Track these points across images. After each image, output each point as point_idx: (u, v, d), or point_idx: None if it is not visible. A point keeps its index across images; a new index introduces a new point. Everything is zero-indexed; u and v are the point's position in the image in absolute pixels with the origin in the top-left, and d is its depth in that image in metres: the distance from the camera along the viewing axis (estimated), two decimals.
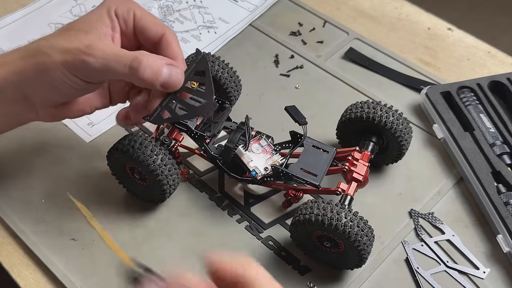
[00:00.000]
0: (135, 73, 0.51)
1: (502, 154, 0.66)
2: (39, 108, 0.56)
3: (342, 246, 0.56)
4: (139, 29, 0.56)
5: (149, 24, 0.56)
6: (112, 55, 0.51)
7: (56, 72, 0.52)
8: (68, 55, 0.51)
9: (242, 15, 0.87)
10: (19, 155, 0.70)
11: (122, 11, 0.55)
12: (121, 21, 0.55)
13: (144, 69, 0.51)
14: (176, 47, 0.56)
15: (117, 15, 0.55)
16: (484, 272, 0.60)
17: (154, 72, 0.52)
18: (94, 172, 0.68)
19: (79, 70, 0.51)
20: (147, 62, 0.51)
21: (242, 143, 0.62)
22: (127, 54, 0.52)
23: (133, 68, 0.51)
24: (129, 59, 0.51)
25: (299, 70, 0.80)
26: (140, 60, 0.51)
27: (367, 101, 0.64)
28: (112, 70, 0.51)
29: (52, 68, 0.52)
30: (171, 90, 0.54)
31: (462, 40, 0.84)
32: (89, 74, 0.52)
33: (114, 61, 0.51)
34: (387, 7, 0.89)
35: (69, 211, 0.65)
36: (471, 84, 0.73)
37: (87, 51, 0.51)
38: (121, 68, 0.51)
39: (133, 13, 0.56)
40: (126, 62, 0.51)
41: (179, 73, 0.54)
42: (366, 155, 0.62)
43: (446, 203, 0.66)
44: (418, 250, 0.61)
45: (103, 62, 0.51)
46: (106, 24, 0.54)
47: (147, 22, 0.56)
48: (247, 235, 0.63)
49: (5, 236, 0.64)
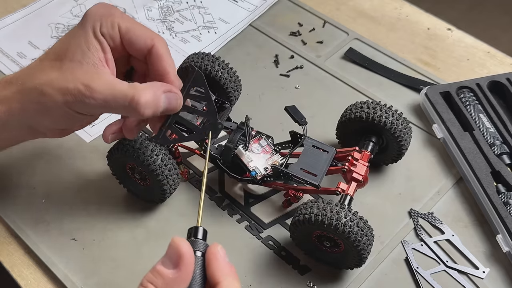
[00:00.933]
0: (135, 113, 0.52)
1: (501, 154, 0.66)
2: (47, 132, 0.57)
3: (342, 246, 0.56)
4: (127, 42, 0.55)
5: (136, 37, 0.54)
6: (110, 96, 0.51)
7: (58, 110, 0.52)
8: (68, 96, 0.51)
9: (242, 15, 0.87)
10: (20, 155, 0.70)
11: (107, 28, 0.54)
12: (108, 39, 0.54)
13: (144, 108, 0.51)
14: (167, 61, 0.55)
15: (103, 34, 0.54)
16: (483, 272, 0.60)
17: (154, 108, 0.52)
18: (94, 172, 0.68)
19: (80, 108, 0.52)
20: (145, 100, 0.51)
21: (242, 143, 0.62)
22: (124, 93, 0.51)
23: (132, 108, 0.51)
24: (126, 100, 0.51)
25: (299, 70, 0.80)
26: (137, 100, 0.51)
27: (367, 101, 0.64)
28: (112, 109, 0.52)
29: (54, 107, 0.52)
30: (172, 113, 0.54)
31: (462, 40, 0.84)
32: (90, 111, 0.53)
33: (113, 101, 0.51)
34: (387, 8, 0.89)
35: (69, 211, 0.65)
36: (470, 84, 0.73)
37: (87, 93, 0.51)
38: (120, 108, 0.52)
39: (118, 26, 0.54)
40: (124, 103, 0.51)
41: (177, 97, 0.53)
42: (366, 155, 0.62)
43: (446, 203, 0.66)
44: (417, 250, 0.62)
45: (102, 103, 0.51)
46: (96, 49, 0.53)
47: (134, 34, 0.54)
48: (247, 235, 0.63)
49: (6, 236, 0.64)
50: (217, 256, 0.41)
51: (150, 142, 0.59)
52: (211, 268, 0.41)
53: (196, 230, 0.43)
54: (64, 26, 0.86)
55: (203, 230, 0.43)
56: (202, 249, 0.42)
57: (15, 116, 0.54)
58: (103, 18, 0.54)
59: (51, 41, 0.84)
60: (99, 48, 0.53)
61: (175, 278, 0.39)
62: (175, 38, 0.84)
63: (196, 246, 0.42)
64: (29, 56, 0.82)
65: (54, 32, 0.85)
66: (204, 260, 0.41)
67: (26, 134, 0.58)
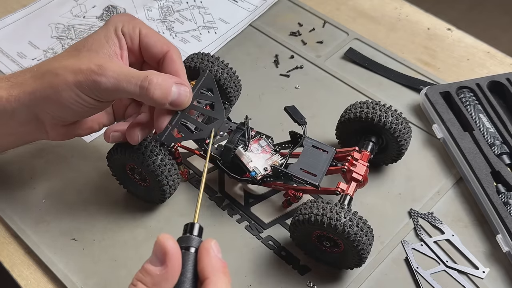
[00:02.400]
0: (145, 93, 0.52)
1: (501, 154, 0.66)
2: (49, 128, 0.57)
3: (341, 246, 0.56)
4: (144, 46, 0.57)
5: (154, 42, 0.57)
6: (123, 75, 0.52)
7: (68, 92, 0.53)
8: (80, 75, 0.52)
9: (242, 15, 0.87)
10: (20, 155, 0.70)
11: (129, 29, 0.56)
12: (128, 38, 0.57)
13: (155, 88, 0.52)
14: (179, 65, 0.57)
15: (124, 33, 0.56)
16: (483, 272, 0.60)
17: (164, 91, 0.53)
18: (94, 172, 0.68)
19: (91, 90, 0.53)
20: (157, 81, 0.52)
21: (242, 144, 0.62)
22: (138, 74, 0.53)
23: (143, 88, 0.52)
24: (139, 79, 0.52)
25: (299, 70, 0.80)
26: (151, 79, 0.52)
27: (367, 101, 0.64)
28: (123, 89, 0.52)
29: (65, 88, 0.52)
30: (180, 108, 0.55)
31: (462, 40, 0.84)
32: (100, 94, 0.53)
33: (125, 81, 0.52)
34: (387, 8, 0.89)
35: (69, 211, 0.65)
36: (470, 84, 0.73)
37: (99, 71, 0.52)
38: (132, 87, 0.52)
39: (139, 30, 0.57)
40: (136, 81, 0.52)
41: (187, 91, 0.55)
42: (366, 155, 0.62)
43: (446, 203, 0.66)
44: (417, 250, 0.62)
45: (114, 82, 0.52)
46: (114, 43, 0.55)
47: (152, 39, 0.57)
48: (247, 235, 0.63)
49: (6, 236, 0.64)
50: (209, 251, 0.41)
51: (149, 143, 0.59)
52: (202, 263, 0.41)
53: (191, 226, 0.43)
54: (64, 26, 0.86)
55: (199, 227, 0.44)
56: (195, 245, 0.42)
57: (25, 102, 0.55)
58: (126, 21, 0.57)
59: (51, 41, 0.84)
60: (116, 43, 0.56)
61: (163, 275, 0.39)
62: (175, 38, 0.84)
63: (190, 242, 0.42)
64: (29, 56, 0.82)
65: (54, 32, 0.85)
66: None
67: (30, 131, 0.58)
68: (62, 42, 0.84)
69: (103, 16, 0.88)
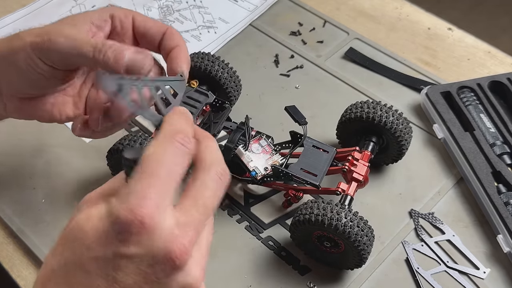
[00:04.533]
0: (98, 55, 0.49)
1: (502, 154, 0.66)
2: (6, 99, 0.55)
3: (342, 246, 0.56)
4: (141, 32, 0.55)
5: (150, 26, 0.55)
6: (79, 39, 0.50)
7: (22, 54, 0.51)
8: (38, 37, 0.50)
9: (242, 15, 0.87)
10: (19, 155, 0.70)
11: (119, 15, 0.54)
12: (117, 22, 0.54)
13: (108, 49, 0.49)
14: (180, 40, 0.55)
15: (113, 17, 0.54)
16: (484, 272, 0.60)
17: (117, 53, 0.49)
18: (94, 172, 0.68)
19: (44, 52, 0.50)
20: (111, 42, 0.50)
21: (242, 143, 0.62)
22: (96, 39, 0.50)
23: (97, 49, 0.49)
24: (95, 42, 0.50)
25: (299, 70, 0.80)
26: (105, 42, 0.50)
27: (367, 101, 0.64)
28: (76, 51, 0.49)
29: (20, 49, 0.51)
30: (136, 73, 0.50)
31: (462, 40, 0.84)
32: (53, 56, 0.51)
33: (81, 42, 0.49)
34: (387, 7, 0.89)
35: (69, 211, 0.65)
36: (471, 84, 0.73)
37: (57, 33, 0.50)
38: (86, 49, 0.49)
39: (132, 17, 0.55)
40: (92, 44, 0.49)
41: (144, 58, 0.50)
42: (366, 155, 0.61)
43: (446, 203, 0.66)
44: (418, 250, 0.61)
45: (69, 43, 0.49)
46: (93, 23, 0.53)
47: (148, 24, 0.55)
48: (247, 235, 0.63)
49: (5, 236, 0.64)
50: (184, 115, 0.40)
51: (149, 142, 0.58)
52: None
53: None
54: None
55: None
56: None
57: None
58: (118, 8, 0.55)
59: None
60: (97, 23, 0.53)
61: None
62: None
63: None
64: None
65: None
66: None
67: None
68: None
69: None
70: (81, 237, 0.36)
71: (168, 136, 0.37)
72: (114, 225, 0.34)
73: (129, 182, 0.35)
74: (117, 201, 0.34)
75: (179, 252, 0.34)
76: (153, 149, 0.36)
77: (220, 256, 0.61)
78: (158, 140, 0.37)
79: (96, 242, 0.35)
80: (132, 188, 0.34)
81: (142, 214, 0.33)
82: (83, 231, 0.36)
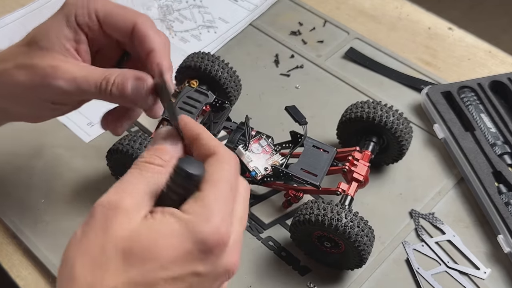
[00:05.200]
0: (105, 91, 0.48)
1: (503, 154, 0.66)
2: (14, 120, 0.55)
3: (342, 246, 0.56)
4: (108, 28, 0.50)
5: (116, 20, 0.50)
6: (80, 77, 0.48)
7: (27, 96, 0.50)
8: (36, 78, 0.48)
9: (242, 14, 0.87)
10: (19, 155, 0.69)
11: (83, 17, 0.50)
12: (85, 29, 0.50)
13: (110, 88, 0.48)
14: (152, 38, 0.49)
15: (79, 23, 0.50)
16: (484, 273, 0.60)
17: (120, 89, 0.48)
18: (94, 172, 0.68)
19: (48, 93, 0.49)
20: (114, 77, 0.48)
21: (242, 143, 0.62)
22: (96, 74, 0.48)
23: (102, 89, 0.48)
24: (97, 81, 0.48)
25: (299, 70, 0.80)
26: (108, 78, 0.48)
27: (368, 101, 0.64)
28: (82, 91, 0.48)
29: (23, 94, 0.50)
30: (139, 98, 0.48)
31: (463, 40, 0.84)
32: (58, 97, 0.50)
33: (82, 80, 0.48)
34: (388, 7, 0.89)
35: (69, 211, 0.65)
36: (471, 84, 0.73)
37: (54, 74, 0.48)
38: (92, 89, 0.48)
39: (95, 15, 0.50)
40: (96, 82, 0.48)
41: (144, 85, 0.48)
42: (367, 155, 0.61)
43: (447, 203, 0.65)
44: (418, 251, 0.61)
45: (71, 84, 0.48)
46: (68, 37, 0.50)
47: (113, 19, 0.50)
48: (247, 235, 0.63)
49: (4, 236, 0.63)
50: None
51: (149, 142, 0.59)
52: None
53: None
54: None
55: None
56: None
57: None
58: (79, 7, 0.50)
59: None
60: (71, 37, 0.50)
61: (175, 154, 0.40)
62: (175, 38, 0.84)
63: None
64: None
65: None
66: None
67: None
68: None
69: None
70: (153, 256, 0.34)
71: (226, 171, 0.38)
72: (199, 245, 0.35)
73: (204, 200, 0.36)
74: (199, 220, 0.35)
75: (235, 267, 0.37)
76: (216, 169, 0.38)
77: None
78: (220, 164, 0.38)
79: (174, 262, 0.34)
80: (211, 207, 0.35)
81: (224, 235, 0.35)
82: (155, 250, 0.34)
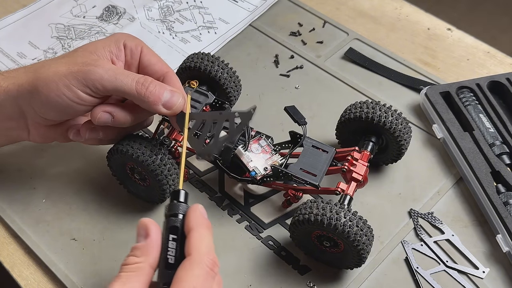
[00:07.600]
0: (140, 91, 0.53)
1: (501, 154, 0.66)
2: (31, 126, 0.58)
3: (341, 245, 0.56)
4: (144, 64, 0.58)
5: (155, 61, 0.58)
6: (119, 70, 0.53)
7: (57, 83, 0.53)
8: (74, 67, 0.53)
9: (242, 15, 0.87)
10: (20, 155, 0.70)
11: (131, 44, 0.58)
12: (128, 52, 0.58)
13: (148, 85, 0.53)
14: (178, 84, 0.57)
15: (125, 46, 0.58)
16: (483, 272, 0.60)
17: (157, 94, 0.54)
18: (94, 172, 0.68)
19: (84, 81, 0.53)
20: (153, 82, 0.54)
21: (242, 143, 0.62)
22: (135, 73, 0.54)
23: (140, 83, 0.53)
24: (137, 76, 0.54)
25: (299, 70, 0.80)
26: (146, 78, 0.54)
27: (367, 101, 0.64)
28: (120, 82, 0.53)
29: (54, 79, 0.53)
30: (171, 113, 0.55)
31: (462, 40, 0.84)
32: (95, 85, 0.53)
33: (123, 74, 0.53)
34: (387, 7, 0.89)
35: (69, 211, 0.65)
36: (470, 84, 0.73)
37: (95, 63, 0.53)
38: (129, 83, 0.53)
39: (141, 48, 0.58)
40: (134, 77, 0.53)
41: (180, 97, 0.55)
42: (366, 155, 0.62)
43: (446, 203, 0.66)
44: (417, 250, 0.62)
45: (112, 74, 0.53)
46: (111, 52, 0.57)
47: (153, 59, 0.58)
48: (247, 235, 0.63)
49: (6, 236, 0.64)
50: (196, 211, 0.45)
51: (149, 143, 0.59)
52: (187, 220, 0.45)
53: (177, 194, 0.47)
54: (64, 26, 0.86)
55: (185, 193, 0.47)
56: (183, 211, 0.46)
57: (12, 94, 0.56)
58: (129, 37, 0.58)
59: (51, 41, 0.84)
60: (114, 52, 0.57)
61: (148, 244, 0.45)
62: (175, 38, 0.84)
63: (177, 209, 0.46)
64: (29, 56, 0.82)
65: (54, 32, 0.85)
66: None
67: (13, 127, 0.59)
68: (62, 42, 0.84)
69: (103, 16, 0.88)
70: None
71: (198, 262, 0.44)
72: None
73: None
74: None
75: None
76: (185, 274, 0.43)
77: (220, 256, 0.61)
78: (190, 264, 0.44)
79: None
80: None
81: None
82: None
